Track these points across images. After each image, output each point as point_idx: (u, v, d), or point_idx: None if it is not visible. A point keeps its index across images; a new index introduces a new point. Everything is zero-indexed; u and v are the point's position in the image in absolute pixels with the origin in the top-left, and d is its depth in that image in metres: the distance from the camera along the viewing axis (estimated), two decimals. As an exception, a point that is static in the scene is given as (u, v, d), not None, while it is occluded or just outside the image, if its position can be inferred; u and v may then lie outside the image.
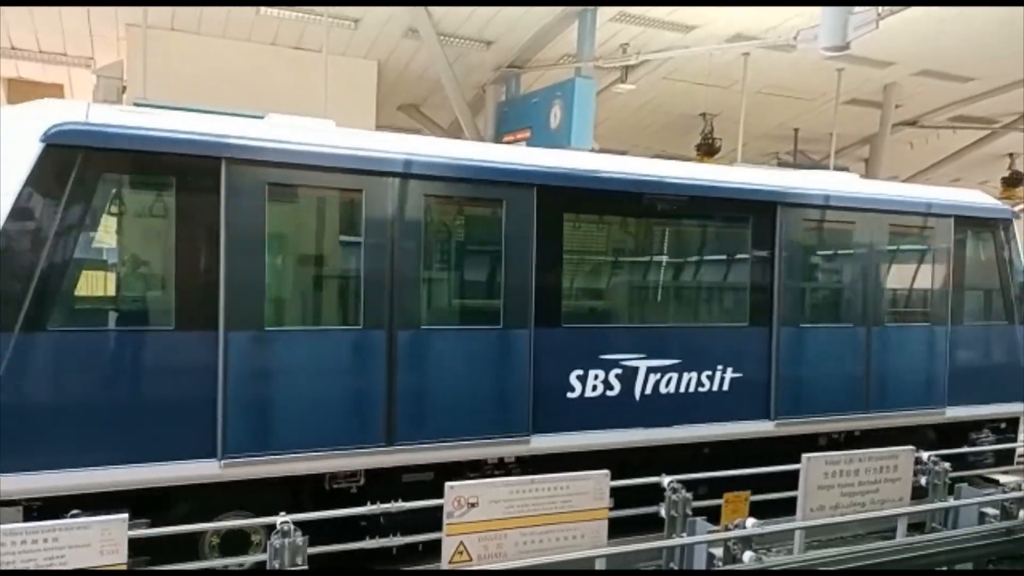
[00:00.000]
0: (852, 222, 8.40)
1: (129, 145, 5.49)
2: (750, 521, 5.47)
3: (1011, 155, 21.81)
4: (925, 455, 6.81)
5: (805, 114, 18.16)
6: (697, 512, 5.85)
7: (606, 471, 5.29)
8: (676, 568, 5.64)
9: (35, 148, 5.26)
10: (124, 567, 4.17)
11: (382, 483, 6.34)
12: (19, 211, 5.22)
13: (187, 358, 5.64)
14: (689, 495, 5.80)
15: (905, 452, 6.28)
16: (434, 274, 6.83)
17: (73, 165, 5.34)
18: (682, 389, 7.45)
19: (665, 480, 5.91)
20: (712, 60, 14.44)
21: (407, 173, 6.35)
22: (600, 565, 5.18)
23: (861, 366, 8.36)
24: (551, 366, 6.88)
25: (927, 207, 8.89)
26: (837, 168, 13.95)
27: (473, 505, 4.81)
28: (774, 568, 5.46)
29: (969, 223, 9.14)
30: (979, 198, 9.57)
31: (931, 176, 21.51)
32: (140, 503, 5.48)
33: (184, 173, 5.65)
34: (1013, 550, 6.39)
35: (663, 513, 5.82)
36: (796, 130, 19.43)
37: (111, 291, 5.82)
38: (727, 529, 5.49)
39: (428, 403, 6.42)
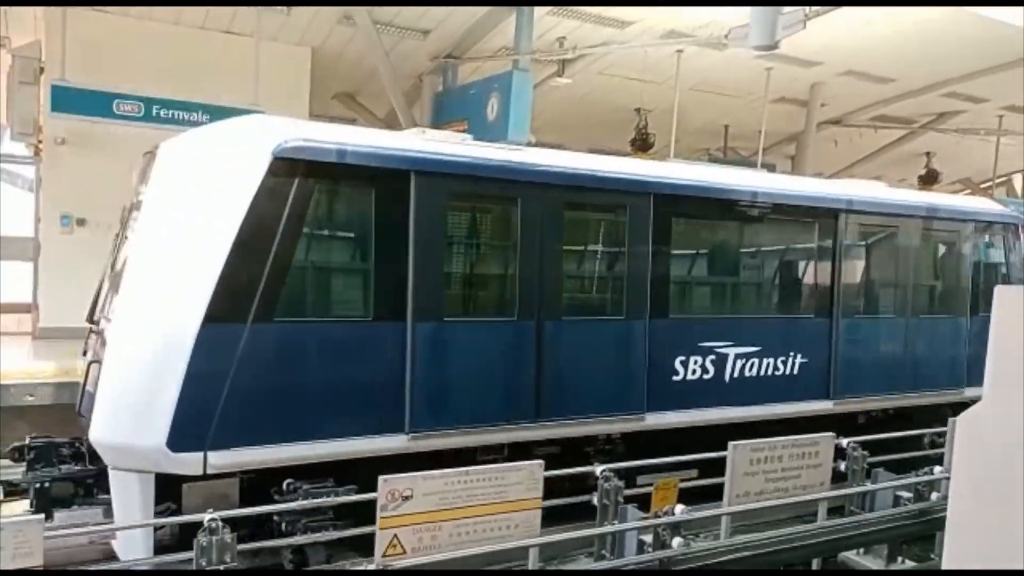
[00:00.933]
0: (896, 227, 9.64)
1: (338, 159, 6.18)
2: (679, 508, 5.61)
3: (928, 154, 22.80)
4: (844, 441, 7.08)
5: (735, 111, 18.61)
6: (629, 500, 5.97)
7: (540, 461, 5.40)
8: (608, 555, 5.73)
9: (265, 160, 5.88)
10: (40, 568, 4.01)
11: (520, 456, 6.91)
12: (252, 216, 5.82)
13: (382, 345, 6.37)
14: (621, 483, 5.91)
15: (825, 439, 6.53)
16: (571, 271, 7.77)
17: (295, 176, 6.00)
18: (762, 372, 8.43)
19: (597, 469, 6.00)
20: (647, 56, 14.65)
21: (552, 184, 7.17)
22: (533, 554, 5.23)
23: (901, 351, 9.50)
24: (661, 352, 7.78)
25: (953, 213, 10.24)
26: (764, 164, 14.37)
27: (407, 498, 4.79)
28: (701, 552, 5.62)
29: (985, 228, 10.54)
30: (991, 206, 11.04)
31: (853, 173, 22.25)
32: (336, 473, 6.12)
33: (382, 184, 6.39)
34: (925, 530, 6.73)
35: (596, 502, 5.91)
36: (726, 127, 19.88)
37: (323, 287, 6.66)
38: (657, 516, 5.62)
39: (566, 384, 7.24)
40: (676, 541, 5.44)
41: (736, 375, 8.21)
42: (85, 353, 7.05)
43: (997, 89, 17.34)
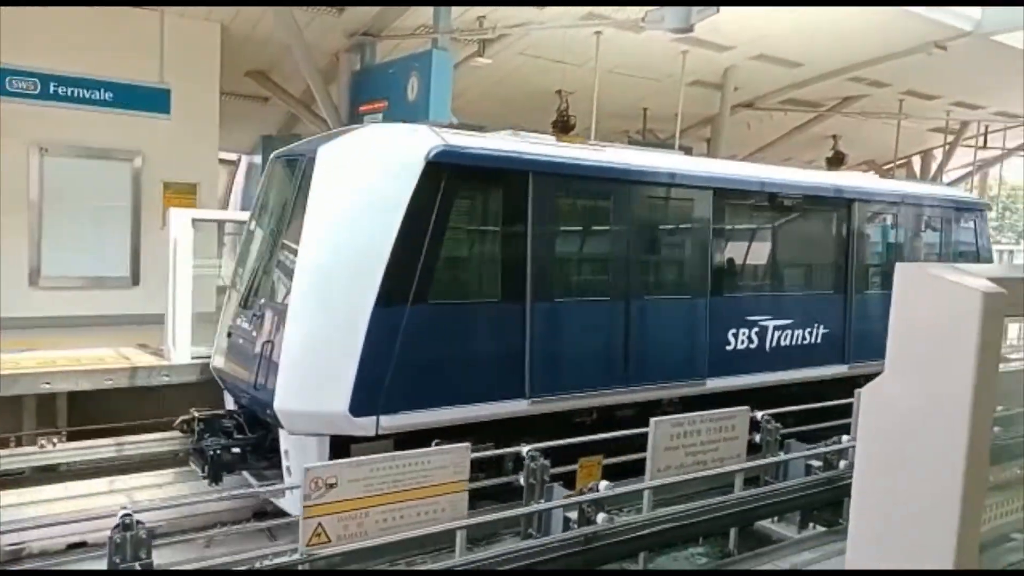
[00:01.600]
0: (895, 213, 11.46)
1: (475, 163, 7.24)
2: (603, 484, 5.72)
3: (834, 136, 23.69)
4: (759, 414, 7.35)
5: (653, 94, 18.88)
6: (555, 478, 6.05)
7: (467, 444, 5.42)
8: (534, 533, 5.80)
9: (420, 165, 6.85)
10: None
11: (606, 418, 8.19)
12: (411, 215, 6.79)
13: (507, 322, 7.42)
14: (547, 462, 5.98)
15: (741, 412, 6.77)
16: (651, 257, 9.02)
17: (442, 178, 6.95)
18: (794, 342, 9.83)
19: (524, 449, 6.06)
20: (566, 38, 14.69)
21: (637, 180, 8.38)
22: (460, 536, 5.25)
23: None
24: (718, 325, 9.06)
25: (939, 201, 12.19)
26: (681, 147, 14.68)
27: (332, 486, 4.73)
28: (624, 527, 5.76)
29: (962, 212, 12.46)
30: (964, 194, 13.06)
31: (764, 155, 23.04)
32: (470, 434, 6.66)
33: (508, 183, 7.49)
34: (834, 497, 7.07)
35: (522, 481, 5.97)
36: (645, 109, 20.17)
37: (464, 273, 7.73)
38: (581, 493, 5.72)
39: (647, 353, 8.44)
40: (600, 517, 5.55)
41: (775, 344, 9.59)
42: (230, 335, 7.89)
43: (898, 74, 18.14)
